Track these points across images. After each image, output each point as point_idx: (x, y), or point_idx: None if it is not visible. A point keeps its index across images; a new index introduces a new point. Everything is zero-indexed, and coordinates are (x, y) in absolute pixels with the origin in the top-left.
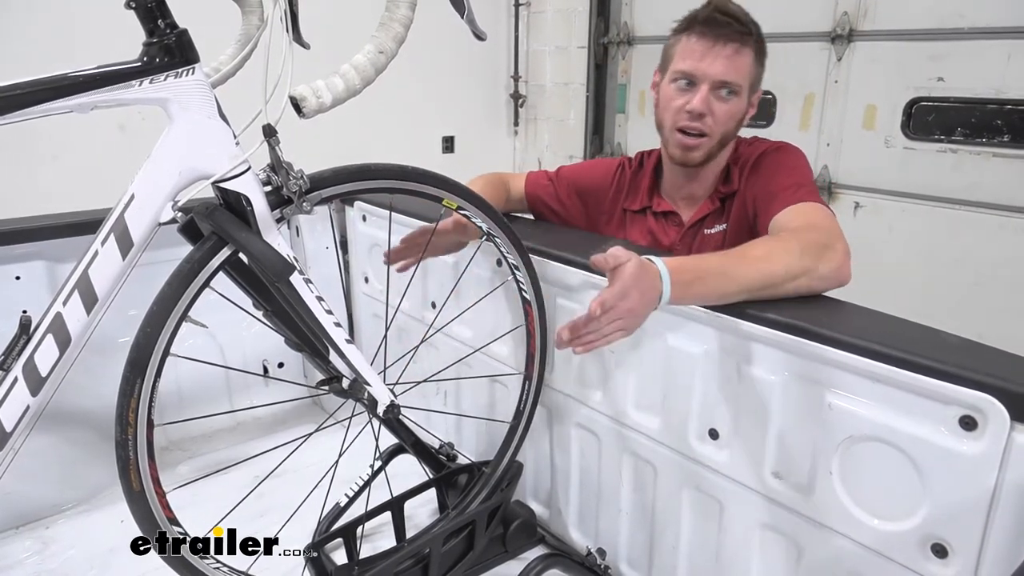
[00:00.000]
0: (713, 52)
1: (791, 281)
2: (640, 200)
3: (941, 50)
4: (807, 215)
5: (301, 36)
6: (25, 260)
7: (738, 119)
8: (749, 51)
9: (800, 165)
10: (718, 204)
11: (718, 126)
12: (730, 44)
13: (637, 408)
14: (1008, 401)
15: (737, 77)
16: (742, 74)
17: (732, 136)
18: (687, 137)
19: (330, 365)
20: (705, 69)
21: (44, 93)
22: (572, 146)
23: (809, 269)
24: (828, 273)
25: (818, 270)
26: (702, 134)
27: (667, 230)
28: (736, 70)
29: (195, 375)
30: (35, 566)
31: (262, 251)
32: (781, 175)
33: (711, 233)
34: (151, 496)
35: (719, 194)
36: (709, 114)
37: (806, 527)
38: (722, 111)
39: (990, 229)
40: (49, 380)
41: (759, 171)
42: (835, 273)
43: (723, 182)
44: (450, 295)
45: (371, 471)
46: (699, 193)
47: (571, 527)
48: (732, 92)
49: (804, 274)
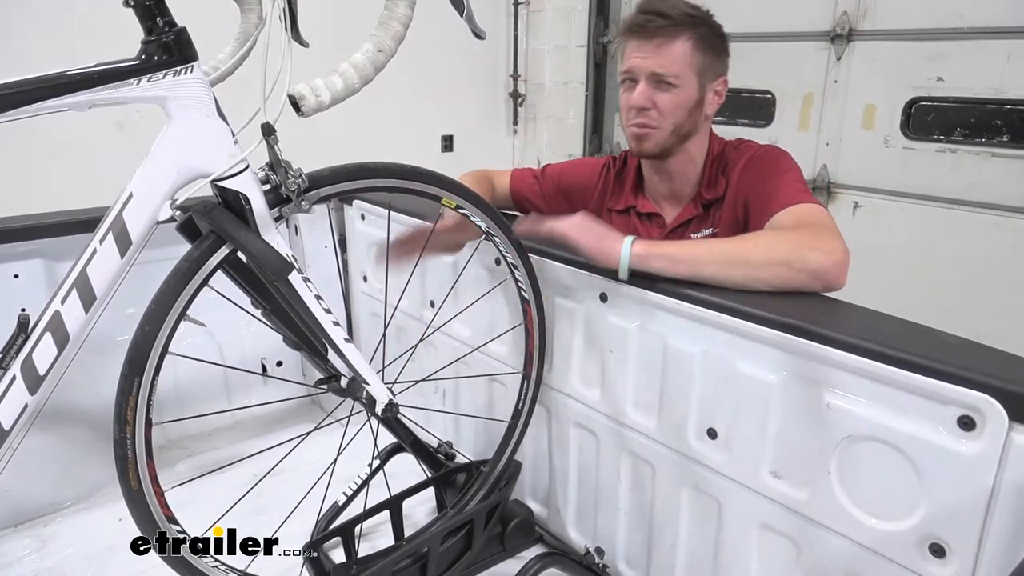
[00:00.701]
0: (642, 48)
1: (774, 266)
2: (624, 200)
3: (940, 50)
4: (806, 215)
5: (300, 34)
6: (23, 258)
7: (687, 107)
8: (683, 39)
9: (793, 168)
10: (701, 210)
11: (664, 118)
12: (657, 37)
13: (636, 407)
14: (1006, 401)
15: (670, 67)
16: (675, 61)
17: (689, 126)
18: (637, 129)
19: (329, 364)
20: (638, 64)
21: (42, 91)
22: (571, 145)
23: (793, 259)
24: (815, 267)
25: (804, 261)
26: (649, 126)
27: (650, 231)
28: (668, 60)
29: (194, 374)
30: (33, 564)
31: (261, 250)
32: (777, 177)
33: (698, 238)
34: (149, 495)
35: (702, 200)
36: (652, 107)
37: (804, 527)
38: (664, 101)
39: (989, 229)
40: (47, 379)
41: (751, 173)
42: (823, 269)
43: (707, 187)
44: (449, 294)
45: (369, 470)
46: (681, 193)
47: (569, 526)
48: (671, 82)
49: (787, 263)
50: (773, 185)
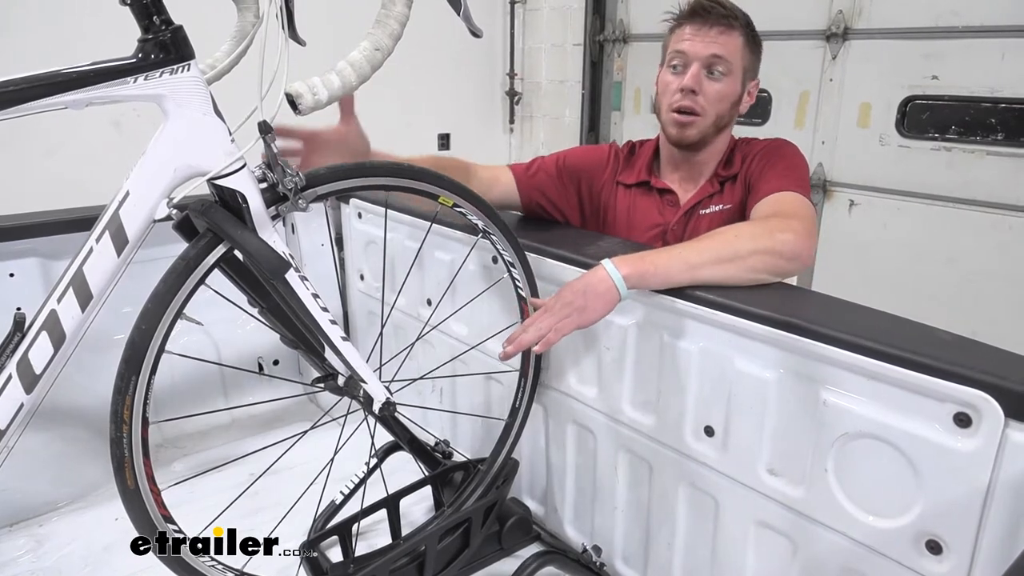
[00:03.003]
0: (701, 33)
1: (755, 255)
2: (636, 175)
3: (936, 48)
4: (782, 203)
5: (297, 32)
6: (19, 257)
7: (731, 101)
8: (737, 33)
9: (796, 164)
10: (717, 187)
11: (710, 105)
12: (716, 26)
13: (632, 405)
14: (1002, 398)
15: (726, 53)
16: (731, 52)
17: (727, 120)
18: (681, 115)
19: (326, 362)
20: (695, 47)
21: (38, 89)
22: (568, 143)
23: (767, 244)
24: (783, 248)
25: (774, 244)
26: (694, 113)
27: (663, 209)
28: (724, 47)
29: (190, 372)
30: (29, 564)
31: (258, 248)
32: (775, 167)
33: (708, 213)
34: (146, 494)
35: (719, 176)
36: (700, 92)
37: (801, 524)
38: (713, 90)
39: (984, 227)
40: (43, 378)
41: (758, 160)
42: (789, 248)
43: (724, 166)
44: (446, 292)
45: (367, 468)
46: (698, 178)
47: (567, 524)
48: (722, 71)
49: (765, 251)
50: (769, 173)
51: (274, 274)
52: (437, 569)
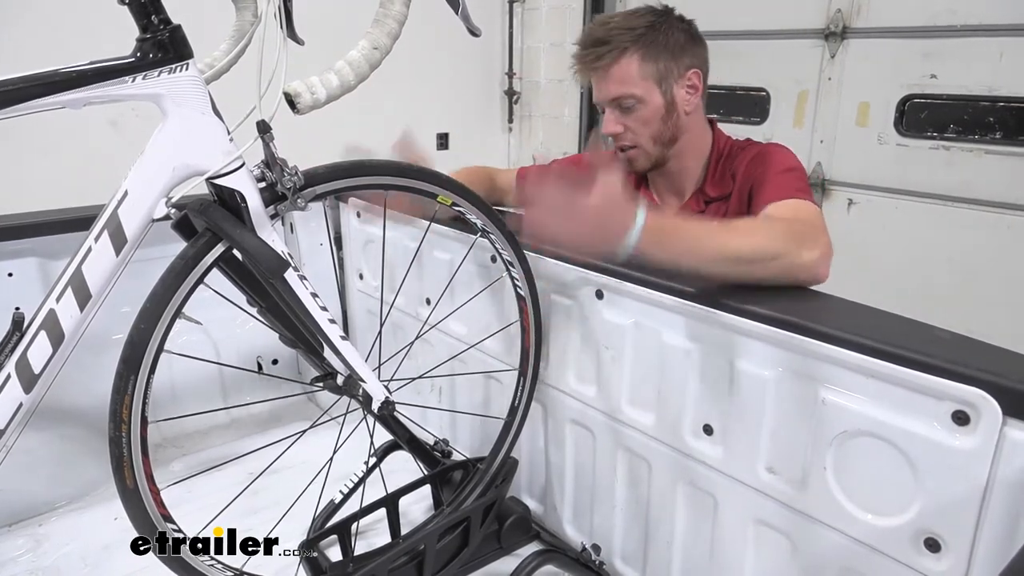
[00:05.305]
0: (597, 75)
1: (770, 260)
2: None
3: (934, 47)
4: (796, 209)
5: (295, 32)
6: (18, 257)
7: (659, 117)
8: (627, 60)
9: (795, 167)
10: (703, 206)
11: (639, 135)
12: (600, 66)
13: (631, 404)
14: (1000, 396)
15: (624, 87)
16: (628, 81)
17: (671, 132)
18: (624, 152)
19: (324, 362)
20: (598, 95)
21: (36, 89)
22: (567, 143)
23: (789, 252)
24: (807, 262)
25: (799, 256)
26: (633, 146)
27: None
28: (620, 82)
29: (189, 372)
30: (28, 564)
31: (256, 247)
32: (776, 172)
33: None
34: (145, 493)
35: (705, 196)
36: (624, 129)
37: (800, 522)
38: (632, 121)
39: (982, 226)
40: (42, 377)
41: (755, 166)
42: (814, 263)
43: (712, 184)
44: (445, 291)
45: (366, 468)
46: (683, 188)
47: (566, 523)
48: (633, 101)
49: (783, 256)
50: (771, 179)
51: (273, 273)
52: (436, 568)
